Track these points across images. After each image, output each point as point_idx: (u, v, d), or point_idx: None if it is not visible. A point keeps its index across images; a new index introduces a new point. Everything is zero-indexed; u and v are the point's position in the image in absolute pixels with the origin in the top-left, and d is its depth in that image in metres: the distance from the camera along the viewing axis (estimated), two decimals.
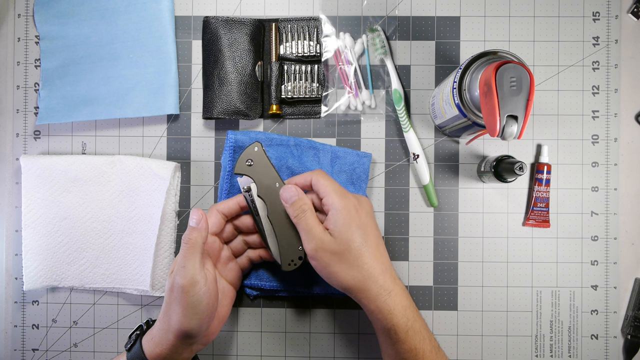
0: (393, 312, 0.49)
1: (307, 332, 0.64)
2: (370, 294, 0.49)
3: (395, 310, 0.49)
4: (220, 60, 0.62)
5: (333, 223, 0.50)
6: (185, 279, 0.49)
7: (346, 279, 0.49)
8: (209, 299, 0.50)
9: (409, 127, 0.63)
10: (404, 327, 0.49)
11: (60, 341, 0.65)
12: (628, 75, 0.64)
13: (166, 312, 0.51)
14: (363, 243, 0.50)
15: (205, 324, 0.51)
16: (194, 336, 0.50)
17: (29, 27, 0.65)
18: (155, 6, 0.64)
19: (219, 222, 0.55)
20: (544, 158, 0.63)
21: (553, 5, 0.64)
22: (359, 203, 0.52)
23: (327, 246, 0.50)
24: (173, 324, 0.50)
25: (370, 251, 0.50)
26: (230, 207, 0.56)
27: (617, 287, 0.63)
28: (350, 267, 0.49)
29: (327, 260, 0.50)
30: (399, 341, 0.49)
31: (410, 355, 0.49)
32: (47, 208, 0.62)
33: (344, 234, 0.50)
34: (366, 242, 0.50)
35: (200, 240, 0.50)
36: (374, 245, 0.51)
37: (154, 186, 0.62)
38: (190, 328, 0.49)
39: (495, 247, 0.64)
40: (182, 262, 0.50)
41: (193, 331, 0.50)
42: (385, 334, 0.50)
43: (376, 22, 0.64)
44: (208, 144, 0.65)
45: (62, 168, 0.62)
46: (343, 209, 0.50)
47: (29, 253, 0.62)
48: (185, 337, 0.50)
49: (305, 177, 0.54)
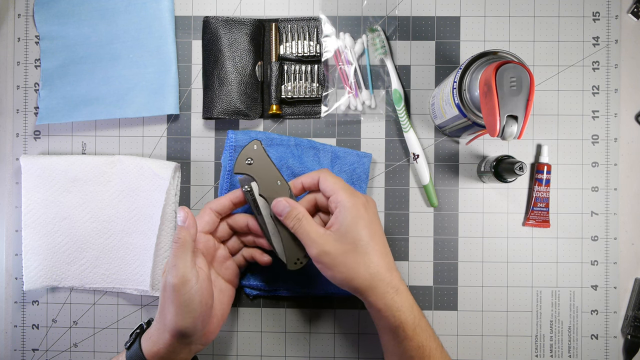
0: (401, 310, 0.49)
1: (307, 332, 0.64)
2: (378, 292, 0.49)
3: (403, 307, 0.49)
4: (220, 60, 0.62)
5: (340, 221, 0.50)
6: (177, 278, 0.49)
7: (354, 279, 0.49)
8: (202, 297, 0.50)
9: (409, 127, 0.63)
10: (412, 324, 0.49)
11: (60, 341, 0.65)
12: (628, 75, 0.64)
13: (161, 312, 0.51)
14: (370, 241, 0.50)
15: (200, 322, 0.51)
16: (190, 335, 0.50)
17: (29, 27, 0.65)
18: (155, 6, 0.64)
19: (212, 221, 0.55)
20: (544, 158, 0.63)
21: (553, 5, 0.64)
22: (367, 201, 0.52)
23: (330, 248, 0.49)
24: (168, 323, 0.50)
25: (377, 249, 0.50)
26: (224, 205, 0.56)
27: (617, 287, 0.63)
28: (357, 265, 0.49)
29: (332, 261, 0.50)
30: (407, 338, 0.49)
31: (417, 352, 0.49)
32: (47, 208, 0.62)
33: (352, 231, 0.49)
34: (373, 240, 0.50)
35: (189, 238, 0.51)
36: (381, 243, 0.51)
37: (154, 186, 0.62)
38: (185, 327, 0.49)
39: (495, 247, 0.64)
40: (173, 261, 0.50)
41: (188, 330, 0.50)
42: (392, 332, 0.50)
43: (376, 22, 0.64)
44: (208, 144, 0.65)
45: (62, 168, 0.62)
46: (352, 206, 0.50)
47: (29, 253, 0.62)
48: (180, 336, 0.50)
49: (312, 176, 0.54)
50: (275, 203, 0.53)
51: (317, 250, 0.50)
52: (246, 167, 0.54)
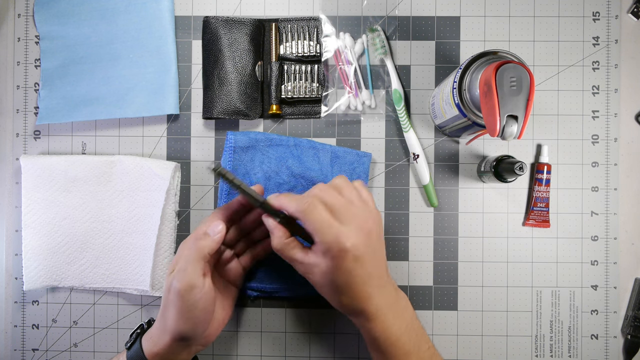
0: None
1: (307, 332, 0.64)
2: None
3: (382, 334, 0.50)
4: (220, 60, 0.62)
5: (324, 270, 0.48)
6: (182, 283, 0.48)
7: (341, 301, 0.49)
8: (205, 303, 0.50)
9: (409, 127, 0.63)
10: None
11: (60, 341, 0.65)
12: (628, 75, 0.64)
13: (163, 313, 0.51)
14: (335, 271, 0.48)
15: (201, 327, 0.51)
16: (190, 338, 0.50)
17: (29, 27, 0.65)
18: (155, 6, 0.64)
19: (223, 232, 0.53)
20: (544, 158, 0.63)
21: (553, 5, 0.64)
22: (374, 217, 0.51)
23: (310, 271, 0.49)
24: (168, 326, 0.50)
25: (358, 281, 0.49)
26: (234, 209, 0.55)
27: (617, 287, 0.63)
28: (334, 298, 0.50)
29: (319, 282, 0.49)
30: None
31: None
32: (47, 208, 0.62)
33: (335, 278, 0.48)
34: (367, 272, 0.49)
35: (209, 250, 0.50)
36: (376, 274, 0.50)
37: (154, 186, 0.62)
38: (185, 331, 0.50)
39: (495, 247, 0.64)
40: (184, 264, 0.49)
41: (188, 334, 0.50)
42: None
43: (376, 22, 0.64)
44: (208, 144, 0.65)
45: (62, 168, 0.62)
46: (328, 262, 0.47)
47: (29, 253, 0.62)
48: (180, 339, 0.50)
49: (296, 208, 0.49)
50: (272, 239, 0.51)
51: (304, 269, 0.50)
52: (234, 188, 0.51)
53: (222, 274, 0.56)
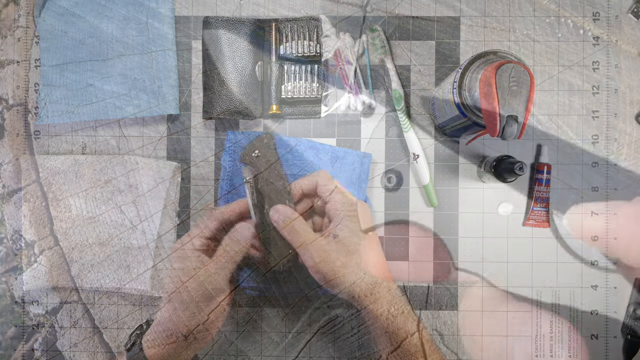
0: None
1: (307, 332, 0.64)
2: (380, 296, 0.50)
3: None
4: (220, 60, 0.62)
5: (339, 230, 0.51)
6: (213, 291, 0.51)
7: (352, 286, 0.50)
8: (209, 307, 0.52)
9: (409, 127, 0.63)
10: None
11: (61, 341, 0.65)
12: (628, 75, 0.64)
13: (164, 314, 0.51)
14: (366, 250, 0.51)
15: (201, 326, 0.52)
16: (189, 338, 0.51)
17: (29, 27, 0.65)
18: (155, 6, 0.64)
19: (216, 228, 0.56)
20: (544, 158, 0.63)
21: (553, 6, 0.64)
22: (362, 210, 0.53)
23: (327, 257, 0.50)
24: (169, 326, 0.51)
25: (372, 258, 0.51)
26: (233, 211, 0.56)
27: (617, 287, 0.63)
28: (354, 273, 0.50)
29: (330, 270, 0.50)
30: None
31: None
32: (47, 208, 0.62)
33: (348, 240, 0.51)
34: (370, 248, 0.51)
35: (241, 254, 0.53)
36: (376, 251, 0.52)
37: (153, 186, 0.62)
38: (185, 332, 0.50)
39: (495, 247, 0.64)
40: (214, 268, 0.51)
41: (188, 334, 0.51)
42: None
43: (376, 22, 0.64)
44: (208, 144, 0.65)
45: (62, 168, 0.62)
46: (347, 216, 0.52)
47: (29, 253, 0.62)
48: (182, 338, 0.50)
49: (311, 180, 0.55)
50: (272, 213, 0.53)
51: (312, 263, 0.51)
52: (252, 158, 0.53)
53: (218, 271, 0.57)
